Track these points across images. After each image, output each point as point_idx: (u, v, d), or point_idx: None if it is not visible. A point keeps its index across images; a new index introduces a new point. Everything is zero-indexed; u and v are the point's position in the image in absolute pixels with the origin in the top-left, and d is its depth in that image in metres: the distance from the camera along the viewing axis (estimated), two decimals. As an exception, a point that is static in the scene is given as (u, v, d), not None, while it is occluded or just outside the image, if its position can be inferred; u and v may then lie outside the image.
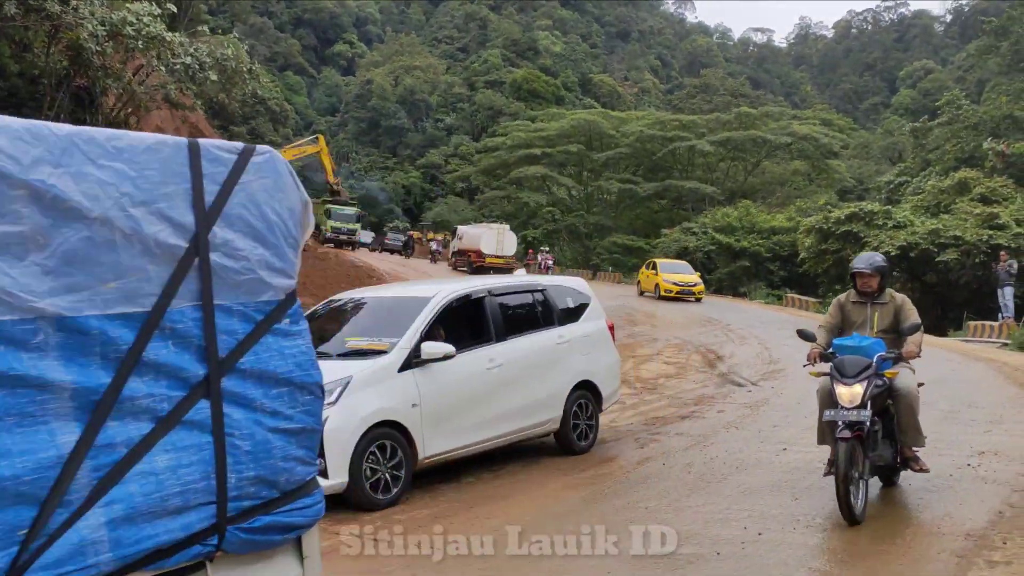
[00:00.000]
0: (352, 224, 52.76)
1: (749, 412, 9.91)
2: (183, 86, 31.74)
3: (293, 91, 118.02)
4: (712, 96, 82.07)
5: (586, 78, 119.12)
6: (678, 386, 11.93)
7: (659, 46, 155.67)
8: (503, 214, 66.89)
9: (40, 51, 27.37)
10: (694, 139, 51.78)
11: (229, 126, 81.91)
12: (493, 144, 64.55)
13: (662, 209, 58.04)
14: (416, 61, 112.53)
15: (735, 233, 40.04)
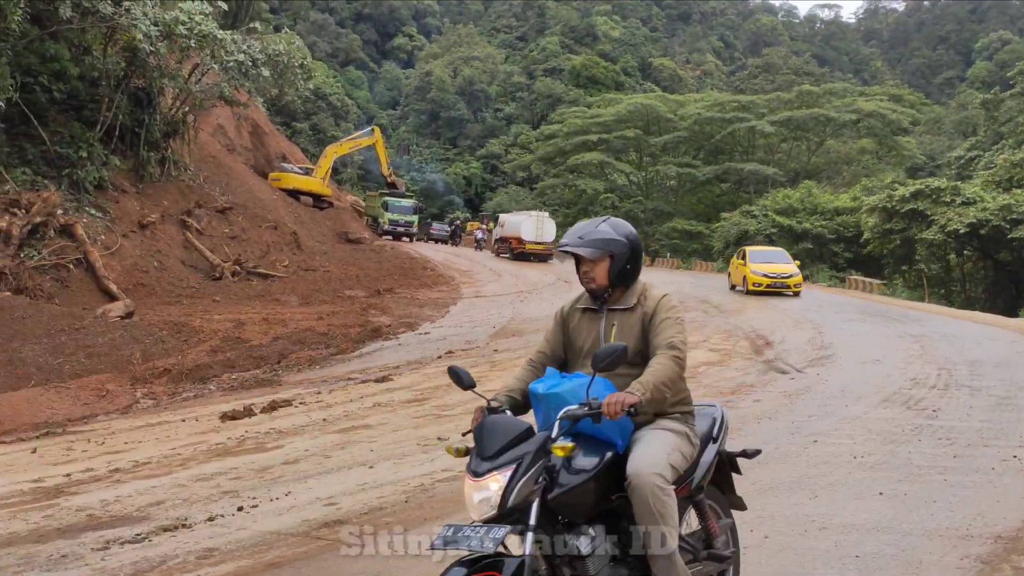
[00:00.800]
0: (409, 216, 52.88)
1: (787, 402, 9.46)
2: (237, 83, 32.00)
3: (354, 86, 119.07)
4: (775, 75, 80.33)
5: (646, 62, 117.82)
6: (718, 374, 11.49)
7: (721, 27, 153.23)
8: (561, 202, 66.57)
9: (98, 53, 27.83)
10: (754, 120, 50.68)
11: (292, 122, 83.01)
12: (550, 132, 64.17)
13: (724, 193, 57.07)
14: (474, 51, 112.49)
15: (796, 215, 39.07)
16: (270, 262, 30.38)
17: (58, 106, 26.92)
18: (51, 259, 22.86)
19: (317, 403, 10.33)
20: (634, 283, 3.63)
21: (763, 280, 25.89)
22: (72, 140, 26.21)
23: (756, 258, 27.35)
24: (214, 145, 41.18)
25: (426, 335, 18.20)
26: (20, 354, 16.18)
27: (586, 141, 56.16)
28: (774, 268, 26.47)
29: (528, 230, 44.39)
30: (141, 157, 29.92)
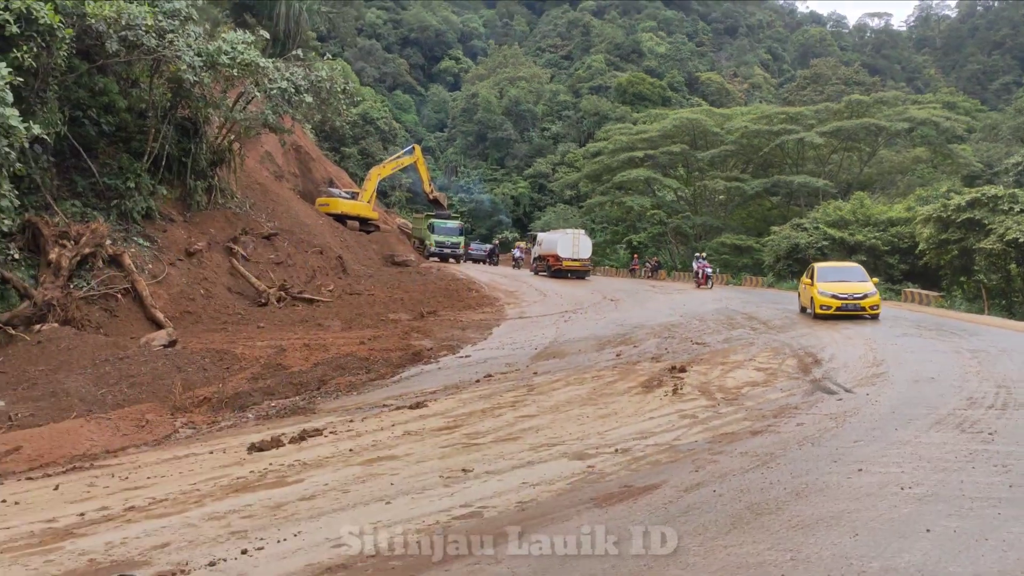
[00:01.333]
0: (456, 237, 52.83)
1: (832, 425, 8.98)
2: (280, 109, 32.29)
3: (402, 109, 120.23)
4: (824, 86, 79.10)
5: (693, 77, 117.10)
6: (762, 395, 11.02)
7: (769, 39, 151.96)
8: (608, 219, 66.09)
9: (145, 85, 28.25)
10: (802, 131, 49.76)
11: (340, 147, 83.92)
12: (596, 149, 63.83)
13: (774, 206, 56.13)
14: (520, 72, 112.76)
15: (848, 227, 38.14)
16: (315, 287, 30.45)
17: (107, 138, 27.36)
18: (100, 289, 23.13)
19: (347, 432, 10.11)
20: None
21: (832, 302, 22.36)
22: (120, 171, 26.59)
23: (825, 276, 23.69)
24: (261, 172, 41.62)
25: (467, 358, 17.95)
26: (64, 385, 16.27)
27: (632, 158, 55.75)
28: (846, 287, 22.84)
29: (565, 247, 45.09)
30: (188, 186, 30.28)
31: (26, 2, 20.34)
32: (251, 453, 9.16)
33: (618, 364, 14.91)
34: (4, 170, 18.50)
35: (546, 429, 9.26)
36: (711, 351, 16.02)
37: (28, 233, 22.81)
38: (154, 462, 9.45)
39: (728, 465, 7.32)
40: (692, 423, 9.17)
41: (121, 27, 23.92)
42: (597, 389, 12.20)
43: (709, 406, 10.23)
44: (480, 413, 10.83)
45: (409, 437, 9.38)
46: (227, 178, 33.35)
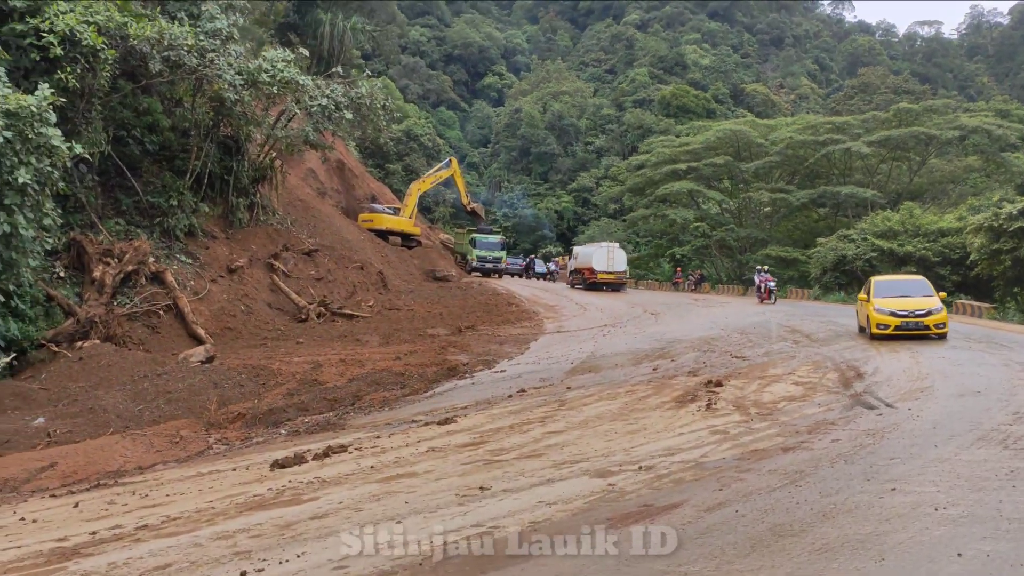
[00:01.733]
0: (498, 252, 52.74)
1: (869, 441, 8.61)
2: (321, 126, 32.54)
3: (446, 125, 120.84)
4: (873, 96, 77.88)
5: (738, 89, 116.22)
6: (799, 411, 10.66)
7: (816, 50, 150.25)
8: (651, 232, 65.58)
9: (188, 104, 28.61)
10: (848, 141, 48.88)
11: (384, 164, 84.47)
12: (638, 162, 63.42)
13: (821, 218, 55.24)
14: (563, 86, 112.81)
15: (898, 238, 37.30)
16: (355, 302, 30.51)
17: (151, 157, 27.73)
18: (142, 306, 23.36)
19: (372, 448, 9.97)
20: None
21: (890, 320, 19.45)
22: (164, 189, 26.91)
23: (884, 291, 20.79)
24: (304, 189, 41.95)
25: (502, 373, 17.77)
26: (102, 401, 16.39)
27: (675, 170, 55.29)
28: (907, 303, 19.96)
29: (600, 260, 45.67)
30: (230, 203, 30.58)
31: (70, 24, 20.65)
32: (273, 470, 9.06)
33: (653, 379, 14.62)
34: (47, 189, 18.73)
35: (571, 445, 9.03)
36: (750, 365, 15.65)
37: (73, 251, 23.15)
38: (177, 479, 9.39)
39: (754, 484, 7.02)
40: (722, 439, 8.87)
41: (164, 47, 24.22)
42: (629, 404, 11.93)
43: (742, 421, 9.92)
44: (508, 429, 10.63)
45: (432, 454, 9.20)
46: (269, 195, 33.65)
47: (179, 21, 26.28)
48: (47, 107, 17.89)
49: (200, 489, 8.36)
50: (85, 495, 8.94)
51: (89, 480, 11.09)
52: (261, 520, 6.61)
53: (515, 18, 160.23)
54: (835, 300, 37.22)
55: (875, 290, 20.83)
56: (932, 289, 21.21)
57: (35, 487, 11.25)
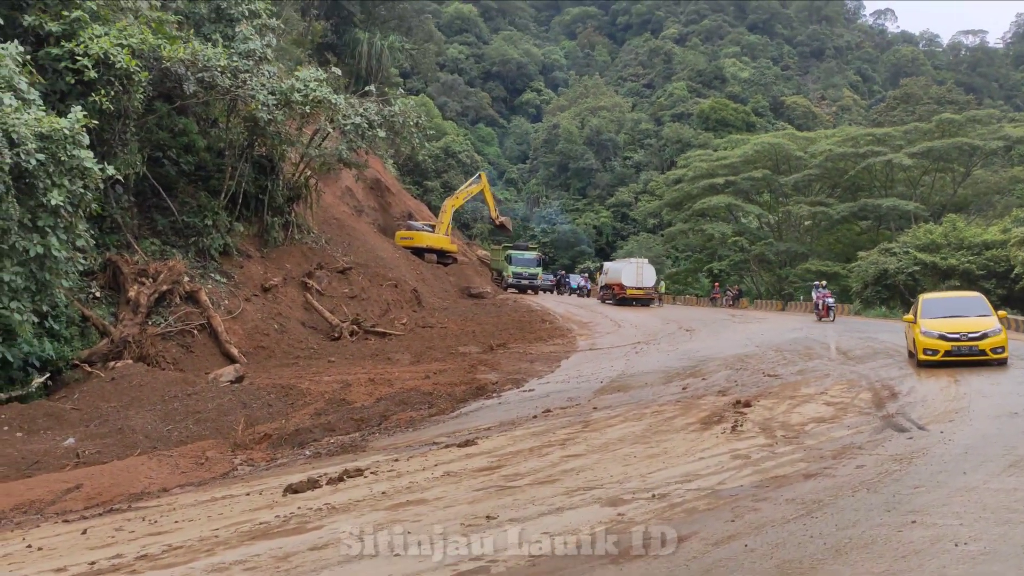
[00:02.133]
0: (534, 268, 52.54)
1: (895, 468, 8.25)
2: (354, 145, 32.70)
3: (485, 142, 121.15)
4: (915, 106, 76.65)
5: (778, 102, 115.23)
6: (827, 433, 10.32)
7: (858, 61, 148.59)
8: (689, 247, 64.99)
9: (223, 125, 28.87)
10: (890, 153, 48.02)
11: (423, 181, 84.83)
12: (675, 176, 62.95)
13: (864, 231, 54.32)
14: (601, 101, 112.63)
15: (940, 251, 36.49)
16: (389, 320, 30.50)
17: (187, 177, 28.01)
18: (177, 325, 23.52)
19: (388, 472, 9.82)
20: None
21: (938, 345, 16.86)
22: (199, 209, 27.14)
23: (933, 310, 18.07)
24: (340, 207, 42.14)
25: (530, 392, 17.57)
26: (131, 422, 16.47)
27: (713, 184, 54.77)
28: (958, 325, 17.24)
29: (629, 276, 46.36)
30: (265, 222, 30.78)
31: (104, 47, 20.91)
32: (285, 495, 8.94)
33: (682, 398, 14.33)
34: (81, 211, 18.92)
35: (588, 470, 8.80)
36: (782, 384, 15.30)
37: (109, 271, 23.40)
38: (190, 504, 9.30)
39: (769, 514, 6.73)
40: (743, 464, 8.57)
41: (198, 69, 24.47)
42: (653, 426, 11.67)
43: (766, 445, 9.61)
44: (527, 452, 10.43)
45: (447, 479, 9.02)
46: (303, 214, 33.81)
47: (214, 43, 26.59)
48: (80, 129, 18.11)
49: (209, 515, 8.26)
50: (96, 520, 8.88)
51: (110, 503, 11.07)
52: (260, 551, 6.47)
53: (553, 34, 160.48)
54: (876, 315, 36.47)
55: (923, 310, 18.10)
56: (989, 307, 18.54)
57: (59, 509, 11.26)
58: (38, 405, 17.55)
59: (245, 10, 29.60)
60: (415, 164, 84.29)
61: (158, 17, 24.76)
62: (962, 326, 17.21)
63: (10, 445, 14.81)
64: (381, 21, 79.19)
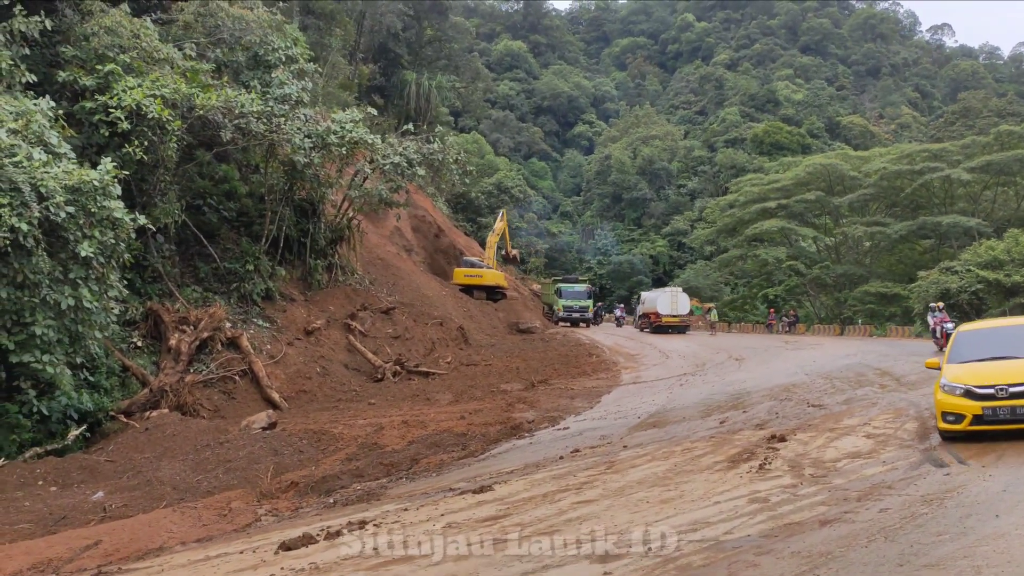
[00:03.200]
0: (584, 301, 51.87)
1: (923, 511, 7.48)
2: (395, 184, 32.68)
3: (538, 176, 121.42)
4: (975, 120, 74.58)
5: (833, 122, 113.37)
6: (859, 470, 9.56)
7: (916, 77, 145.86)
8: (743, 273, 63.74)
9: (262, 170, 29.04)
10: (947, 168, 46.51)
11: (476, 217, 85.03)
12: (726, 202, 61.99)
13: (926, 250, 52.67)
14: (653, 130, 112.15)
15: (1004, 267, 34.99)
16: (433, 359, 30.17)
17: (229, 224, 28.15)
18: (218, 372, 23.45)
19: (393, 524, 9.34)
20: None
21: (963, 407, 11.07)
22: (241, 255, 27.19)
23: (968, 348, 12.50)
24: (386, 247, 42.16)
25: (565, 430, 16.99)
26: (160, 473, 16.25)
27: (765, 208, 53.69)
28: (1000, 373, 11.20)
29: (664, 305, 48.87)
30: (308, 265, 30.77)
31: (136, 99, 21.10)
32: (277, 553, 8.52)
33: (717, 434, 13.63)
34: (113, 262, 18.93)
35: (594, 519, 8.22)
36: (825, 415, 14.49)
37: (150, 320, 23.46)
38: (182, 564, 8.94)
39: (768, 571, 6.07)
40: (759, 509, 7.90)
41: (235, 116, 24.61)
42: (678, 465, 11.03)
43: (789, 486, 8.91)
44: (540, 498, 9.88)
45: (446, 531, 8.51)
46: (347, 255, 33.76)
47: (251, 89, 26.80)
48: (110, 181, 18.14)
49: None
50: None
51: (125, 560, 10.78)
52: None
53: (603, 66, 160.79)
54: (937, 337, 35.05)
55: (952, 350, 12.61)
56: None
57: (76, 567, 10.99)
58: (73, 458, 17.44)
59: (282, 56, 29.78)
60: (468, 201, 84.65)
61: (191, 67, 24.98)
62: (1006, 374, 11.15)
63: (41, 500, 14.68)
64: (428, 62, 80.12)
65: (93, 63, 22.47)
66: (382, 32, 72.11)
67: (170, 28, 27.18)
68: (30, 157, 17.28)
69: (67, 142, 19.15)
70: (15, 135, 17.61)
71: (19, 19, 20.51)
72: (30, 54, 21.25)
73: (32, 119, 18.28)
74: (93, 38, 22.98)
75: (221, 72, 28.46)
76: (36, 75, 20.57)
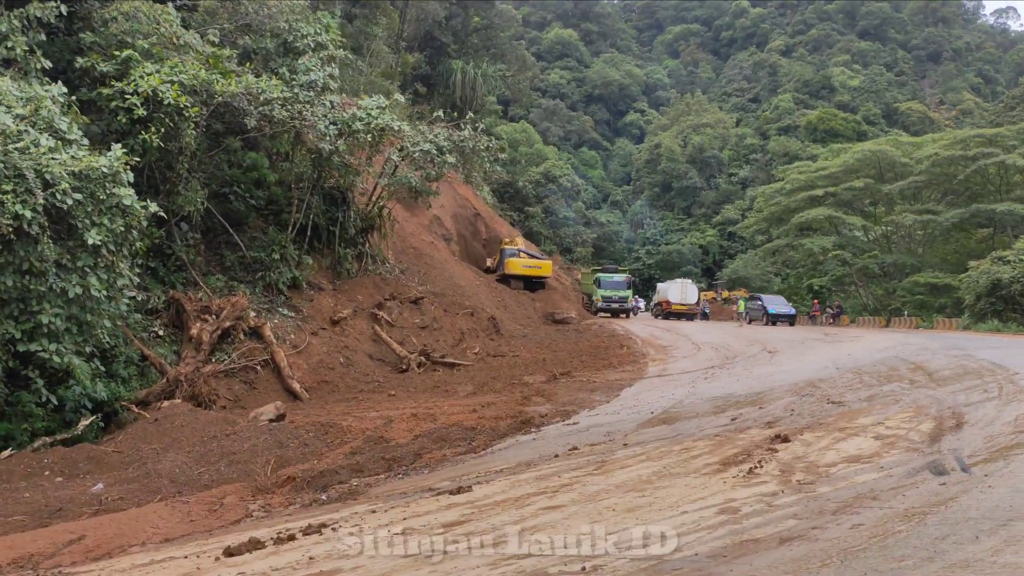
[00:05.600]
0: (623, 292, 50.92)
1: (900, 527, 6.66)
2: (425, 172, 32.34)
3: (589, 165, 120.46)
4: (1036, 105, 71.90)
5: (891, 109, 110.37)
6: (852, 476, 8.76)
7: (979, 62, 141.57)
8: (791, 263, 62.20)
9: (291, 158, 28.82)
10: (1003, 154, 44.59)
11: (524, 207, 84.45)
12: (771, 190, 60.56)
13: (982, 239, 50.77)
14: (704, 119, 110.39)
15: (1059, 258, 33.46)
16: (461, 350, 29.71)
17: (257, 212, 27.96)
18: (240, 362, 23.24)
19: (352, 527, 8.84)
20: None
21: None
22: (268, 244, 26.99)
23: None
24: (422, 235, 41.77)
25: (573, 426, 16.37)
26: (161, 465, 15.99)
27: (812, 196, 52.16)
28: None
29: (674, 294, 54.57)
30: (337, 254, 30.49)
31: (152, 85, 20.90)
32: (218, 560, 8.07)
33: (723, 432, 12.91)
34: (124, 250, 18.72)
35: (550, 528, 7.61)
36: (841, 412, 13.65)
37: (172, 309, 23.31)
38: (127, 567, 8.54)
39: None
40: (724, 522, 7.17)
41: (260, 103, 24.35)
42: (668, 467, 10.36)
43: (769, 494, 8.17)
44: (512, 501, 9.30)
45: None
46: (378, 244, 33.41)
47: (280, 76, 26.56)
48: (121, 167, 17.90)
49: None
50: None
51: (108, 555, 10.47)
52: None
53: (656, 53, 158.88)
54: (987, 329, 33.58)
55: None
56: None
57: (55, 564, 10.71)
58: (81, 448, 17.26)
59: (311, 43, 29.48)
60: (516, 190, 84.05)
61: (213, 53, 24.73)
62: None
63: (42, 491, 14.48)
64: (475, 50, 79.62)
65: (112, 49, 22.31)
66: (427, 21, 71.70)
67: (193, 14, 27.01)
68: (37, 143, 17.09)
69: (83, 129, 18.96)
70: (22, 121, 17.44)
71: (35, 4, 20.38)
72: (48, 40, 21.15)
73: (41, 105, 18.11)
74: (112, 24, 22.83)
75: (250, 59, 28.27)
76: (58, 62, 20.50)
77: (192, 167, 23.85)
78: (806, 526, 6.90)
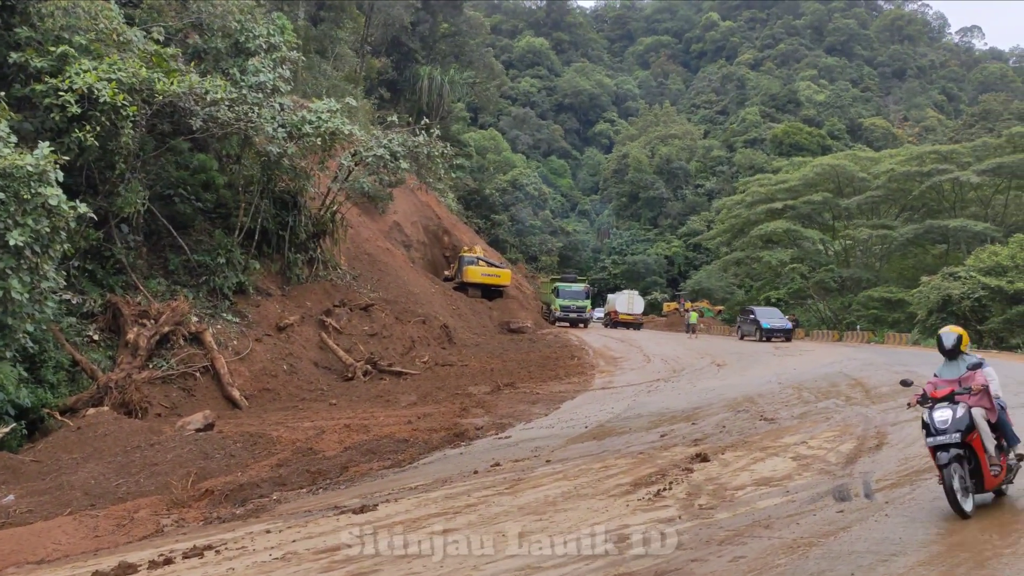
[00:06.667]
0: (582, 301, 50.67)
1: (780, 562, 6.24)
2: (378, 177, 31.89)
3: (557, 174, 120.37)
4: (995, 123, 72.55)
5: (855, 124, 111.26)
6: (754, 502, 8.44)
7: (943, 80, 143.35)
8: (749, 275, 62.39)
9: (241, 160, 28.28)
10: (957, 171, 44.87)
11: (491, 215, 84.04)
12: (733, 202, 60.74)
13: (937, 256, 51.05)
14: (672, 130, 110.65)
15: (1007, 274, 33.51)
16: (411, 359, 29.26)
17: (205, 215, 27.35)
18: (178, 368, 22.64)
19: (232, 552, 8.43)
20: None
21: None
22: (213, 248, 26.41)
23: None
24: (379, 241, 41.28)
25: (505, 440, 16.02)
26: (76, 476, 15.42)
27: (771, 209, 52.26)
28: None
29: (621, 304, 57.25)
30: (287, 259, 29.95)
31: (88, 82, 20.32)
32: (84, 583, 7.64)
33: (648, 449, 12.62)
34: (50, 252, 18.13)
35: (427, 558, 7.26)
36: (769, 430, 13.42)
37: (109, 313, 22.67)
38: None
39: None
40: (603, 554, 6.84)
41: (206, 103, 23.80)
42: (580, 486, 10.04)
43: (666, 520, 7.84)
44: (410, 523, 8.94)
45: (271, 565, 7.58)
46: (330, 249, 32.88)
47: (231, 77, 26.05)
48: (49, 165, 17.34)
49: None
50: None
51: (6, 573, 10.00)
52: None
53: (626, 64, 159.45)
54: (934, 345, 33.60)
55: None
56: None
57: (-57, 581, 10.20)
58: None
59: (264, 43, 28.97)
60: (482, 198, 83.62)
61: (156, 51, 24.17)
62: None
63: (-49, 501, 13.93)
64: (442, 57, 79.24)
65: (49, 45, 21.71)
66: (394, 25, 71.20)
67: (137, 11, 26.44)
68: (-44, 141, 16.55)
69: (15, 126, 18.41)
70: (-59, 118, 16.89)
71: (-36, -2, 19.80)
72: (-20, 35, 20.56)
73: (-38, 101, 17.57)
74: (49, 19, 22.21)
75: (200, 59, 27.71)
76: (-11, 57, 19.91)
77: (133, 167, 23.21)
78: (686, 558, 6.58)
